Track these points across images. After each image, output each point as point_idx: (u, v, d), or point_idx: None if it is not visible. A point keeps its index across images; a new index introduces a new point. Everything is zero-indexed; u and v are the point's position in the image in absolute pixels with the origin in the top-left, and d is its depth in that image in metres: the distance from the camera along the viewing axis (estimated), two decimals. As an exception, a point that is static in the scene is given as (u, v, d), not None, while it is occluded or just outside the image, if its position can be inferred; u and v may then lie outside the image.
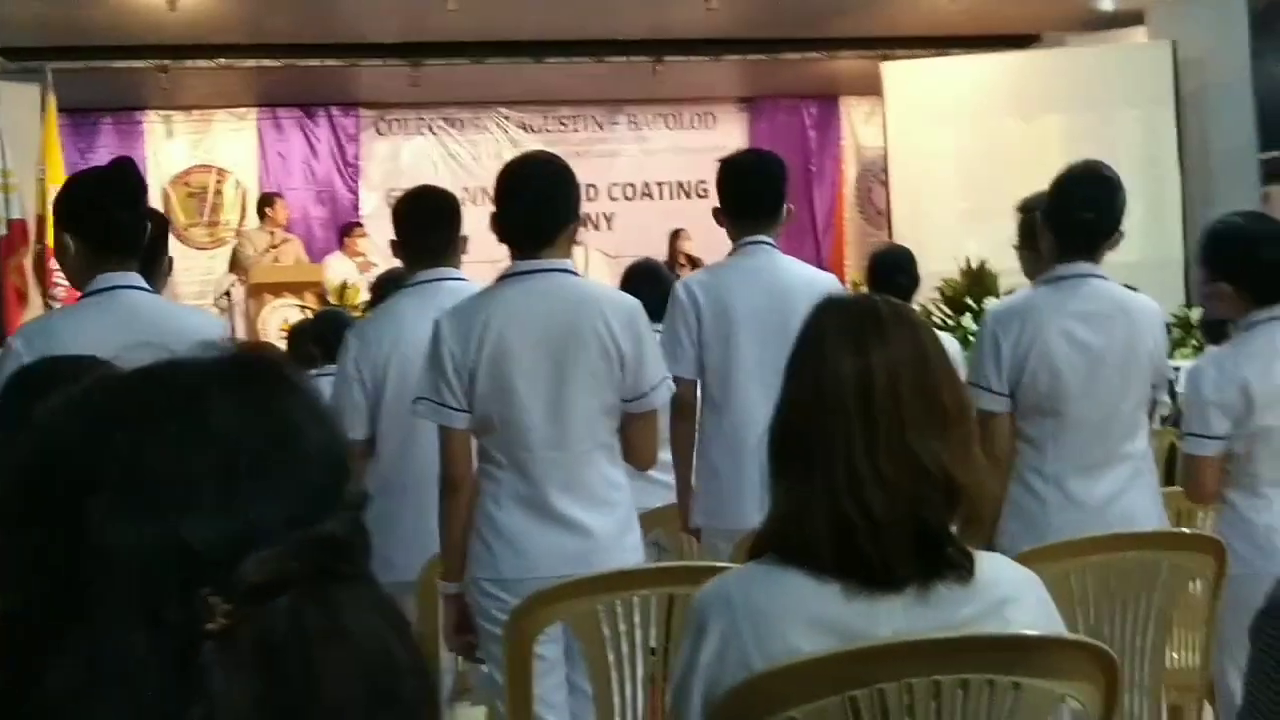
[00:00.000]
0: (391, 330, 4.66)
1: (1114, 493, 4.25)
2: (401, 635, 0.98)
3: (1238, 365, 4.14)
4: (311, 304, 12.19)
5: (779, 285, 4.80)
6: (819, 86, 17.61)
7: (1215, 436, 4.15)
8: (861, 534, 2.14)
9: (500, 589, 3.84)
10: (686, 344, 4.85)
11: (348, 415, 4.64)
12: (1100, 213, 4.34)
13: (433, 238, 4.76)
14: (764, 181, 5.05)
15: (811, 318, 2.36)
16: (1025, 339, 4.25)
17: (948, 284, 12.14)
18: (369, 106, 17.11)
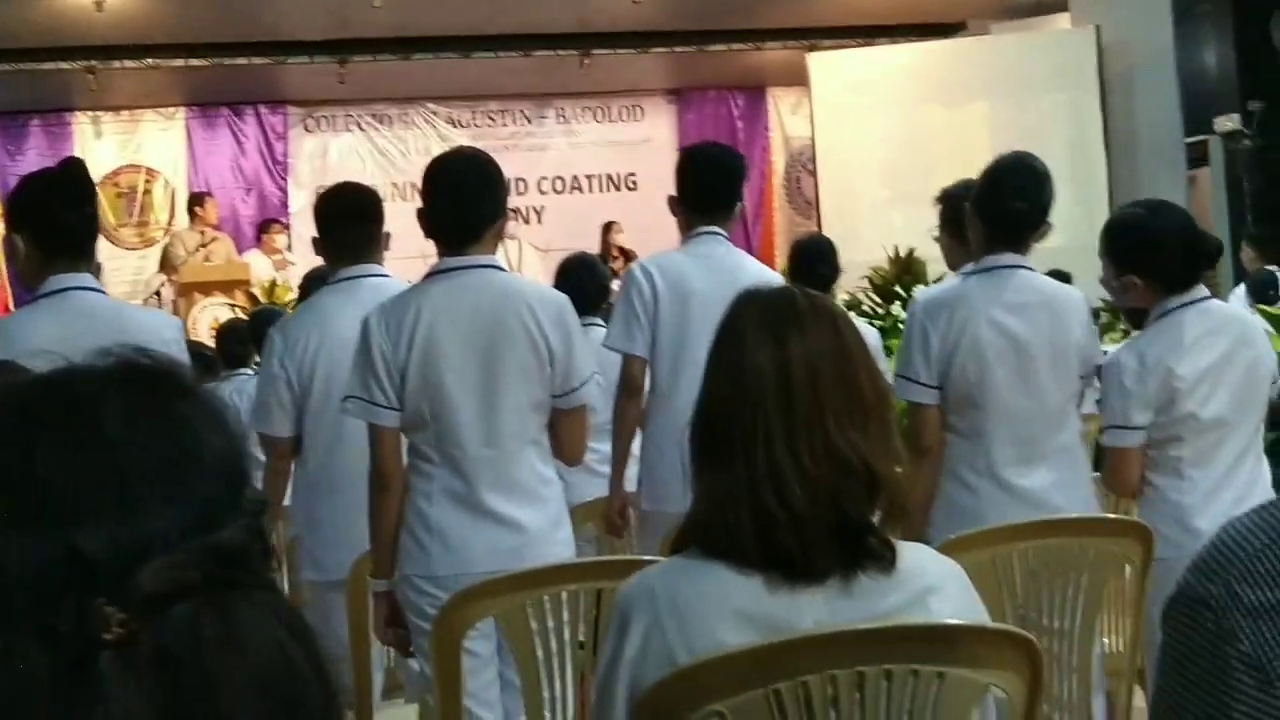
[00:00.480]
0: (317, 328, 4.63)
1: (1047, 485, 4.26)
2: (303, 642, 0.97)
3: (1159, 356, 4.15)
4: (242, 302, 12.12)
5: (734, 276, 4.78)
6: (746, 78, 17.67)
7: (1136, 427, 4.17)
8: (782, 527, 2.14)
9: (433, 585, 3.83)
10: (643, 321, 4.85)
11: (274, 414, 4.62)
12: (1029, 203, 4.36)
13: (354, 234, 4.73)
14: (725, 175, 5.07)
15: (731, 310, 2.36)
16: (954, 330, 4.25)
17: (876, 272, 12.18)
18: (297, 104, 17.03)
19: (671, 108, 18.18)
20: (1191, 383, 4.12)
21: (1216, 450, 4.15)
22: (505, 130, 17.52)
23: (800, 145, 17.37)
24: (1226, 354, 4.14)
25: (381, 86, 16.29)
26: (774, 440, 2.17)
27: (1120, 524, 4.04)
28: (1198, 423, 4.13)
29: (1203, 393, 4.13)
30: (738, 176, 5.09)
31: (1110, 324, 11.89)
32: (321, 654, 0.98)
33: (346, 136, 17.22)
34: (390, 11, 12.92)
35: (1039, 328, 4.28)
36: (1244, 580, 1.07)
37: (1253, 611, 1.06)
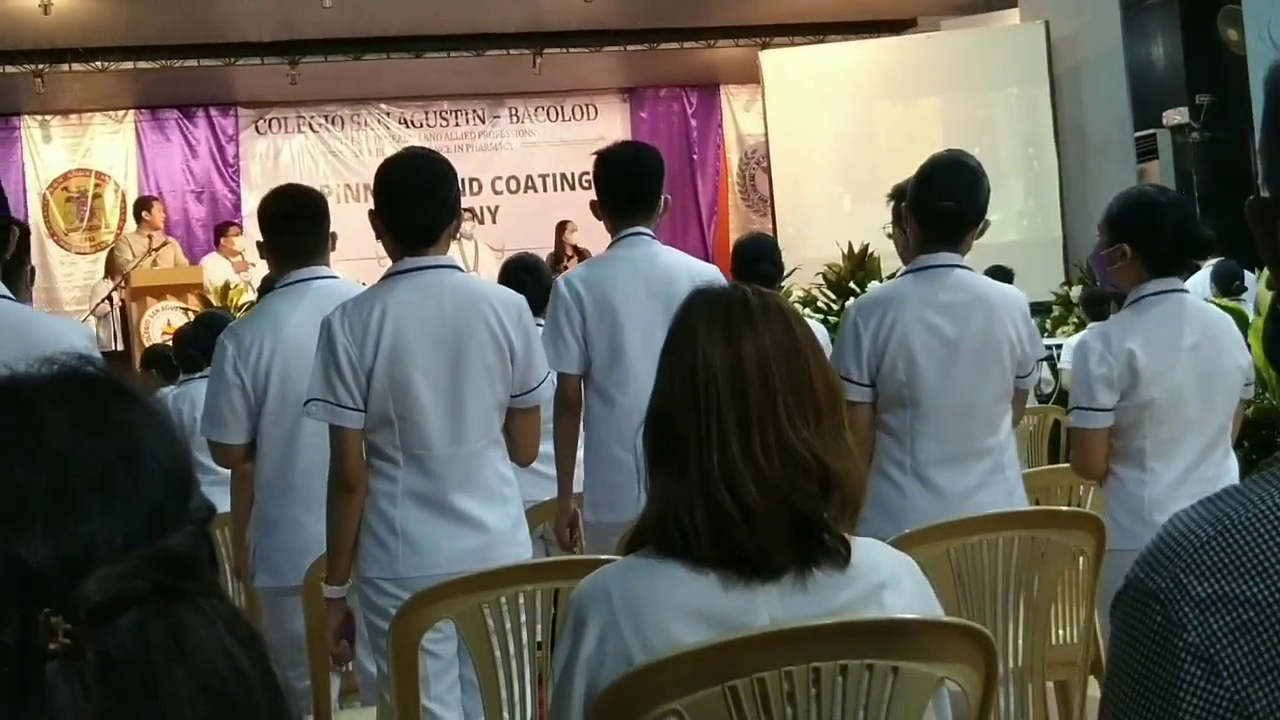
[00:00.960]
0: (270, 333, 4.59)
1: (973, 485, 4.27)
2: (251, 650, 0.96)
3: (1124, 338, 4.19)
4: (194, 306, 12.06)
5: (660, 275, 4.80)
6: (699, 76, 17.70)
7: (1102, 409, 4.20)
8: (737, 524, 2.15)
9: (398, 587, 3.80)
10: (570, 339, 4.84)
11: (228, 421, 4.58)
12: (963, 202, 4.36)
13: (301, 236, 4.69)
14: (640, 174, 5.05)
15: (682, 309, 2.35)
16: (885, 329, 4.27)
17: (831, 269, 12.23)
18: (248, 106, 16.97)
19: (625, 106, 18.19)
20: (1153, 369, 4.14)
21: (1180, 444, 4.18)
22: (458, 130, 17.52)
23: (754, 143, 17.42)
24: (1193, 346, 4.17)
25: (333, 87, 16.25)
26: (728, 438, 2.18)
27: (1073, 516, 4.06)
28: (1159, 411, 4.16)
29: (1164, 381, 4.16)
30: (655, 173, 5.07)
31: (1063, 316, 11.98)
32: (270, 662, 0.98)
33: (298, 138, 17.18)
34: (341, 12, 12.89)
35: (971, 327, 4.29)
36: (1191, 572, 1.08)
37: (1200, 603, 1.06)
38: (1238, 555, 1.06)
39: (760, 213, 17.16)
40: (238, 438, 4.58)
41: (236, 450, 4.62)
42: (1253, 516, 1.08)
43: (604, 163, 5.08)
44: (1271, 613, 1.03)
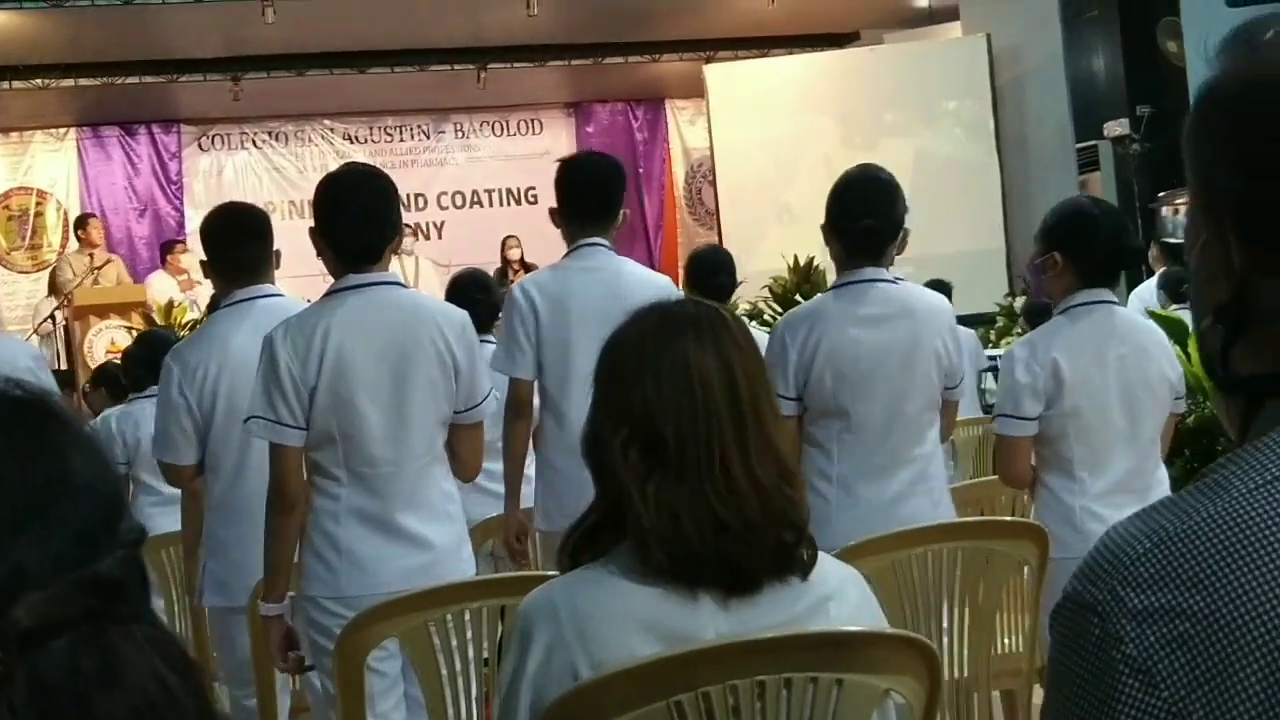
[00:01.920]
0: (217, 353, 4.55)
1: (898, 495, 4.30)
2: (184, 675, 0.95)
3: (1049, 347, 4.23)
4: (138, 324, 11.97)
5: (617, 286, 4.79)
6: (644, 90, 17.73)
7: (1026, 418, 4.23)
8: (739, 536, 2.15)
9: (342, 606, 3.77)
10: (525, 344, 4.83)
11: (177, 442, 4.55)
12: (881, 218, 4.38)
13: (245, 254, 4.65)
14: (603, 185, 5.04)
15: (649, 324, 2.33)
16: (811, 344, 4.29)
17: (777, 281, 12.27)
18: (190, 123, 16.89)
19: (570, 120, 18.21)
20: (1078, 379, 4.17)
21: (1109, 455, 4.20)
22: (403, 145, 17.50)
23: (699, 156, 17.46)
24: (1120, 357, 4.20)
25: (276, 103, 16.20)
26: (730, 455, 2.18)
27: (1017, 526, 4.08)
28: (1084, 420, 4.19)
29: (1091, 391, 4.19)
30: (616, 183, 5.07)
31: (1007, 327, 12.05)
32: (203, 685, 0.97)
33: (242, 154, 17.12)
34: (283, 28, 12.84)
35: (897, 339, 4.32)
36: (1128, 585, 1.09)
37: (1137, 615, 1.07)
38: (1174, 567, 1.07)
39: (706, 226, 17.20)
40: (187, 458, 4.55)
41: (187, 470, 4.60)
42: (1188, 529, 1.08)
43: (568, 170, 5.07)
44: (1208, 624, 1.04)
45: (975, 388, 8.58)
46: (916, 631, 3.44)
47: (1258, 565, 1.04)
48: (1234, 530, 1.06)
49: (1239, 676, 1.02)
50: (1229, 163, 1.18)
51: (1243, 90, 1.18)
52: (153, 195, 16.80)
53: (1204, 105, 1.23)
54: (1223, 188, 1.19)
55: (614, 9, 14.15)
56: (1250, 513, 1.06)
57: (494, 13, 13.72)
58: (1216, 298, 1.21)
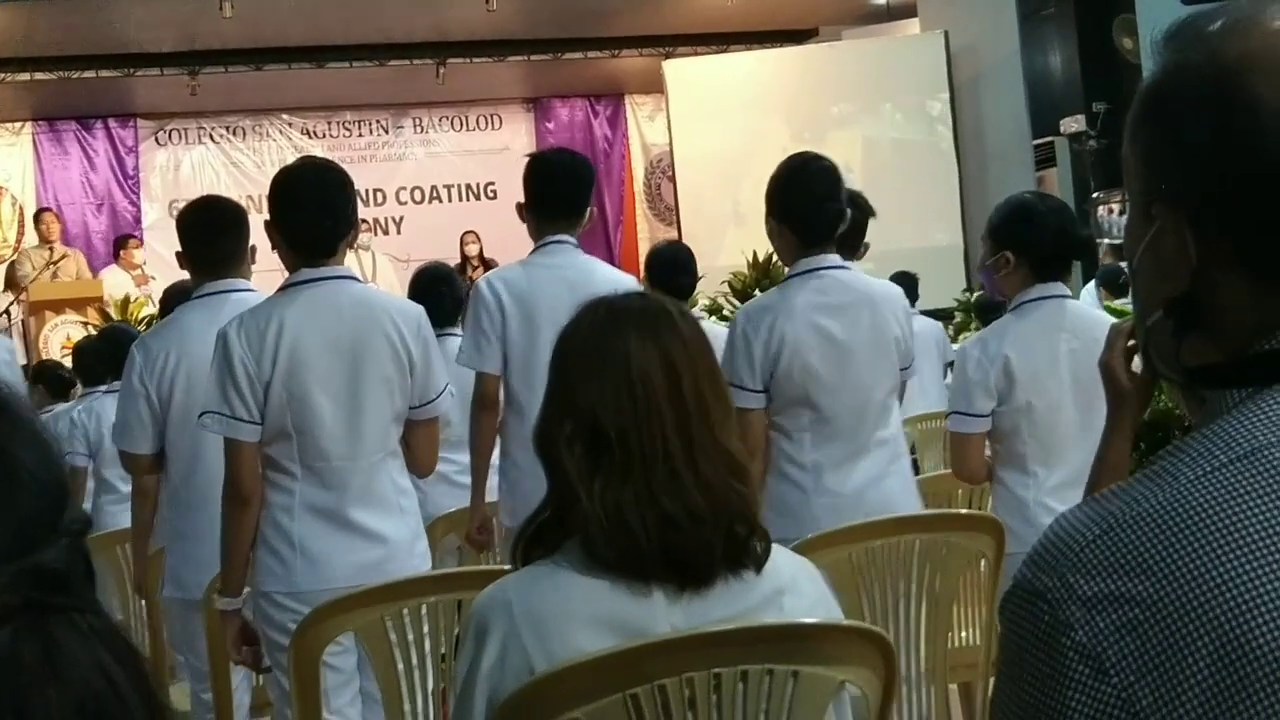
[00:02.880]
0: (177, 343, 4.55)
1: (871, 479, 4.32)
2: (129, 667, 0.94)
3: (1000, 344, 4.25)
4: (94, 320, 11.89)
5: (583, 283, 4.77)
6: (604, 85, 17.73)
7: (979, 414, 4.25)
8: (686, 531, 2.15)
9: (296, 601, 3.77)
10: (491, 339, 4.82)
11: (134, 431, 4.54)
12: (836, 203, 4.39)
13: (220, 248, 4.64)
14: (573, 182, 5.03)
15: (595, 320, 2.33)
16: (776, 335, 4.30)
17: (736, 277, 12.27)
18: (147, 117, 16.80)
19: (530, 116, 18.19)
20: (1029, 374, 4.19)
21: (1064, 450, 4.22)
22: (362, 140, 17.45)
23: (659, 152, 17.48)
24: (1073, 352, 4.21)
25: (234, 98, 16.12)
26: (673, 450, 2.18)
27: (974, 519, 4.10)
28: (1036, 415, 4.21)
29: (1042, 386, 4.21)
30: (586, 182, 5.07)
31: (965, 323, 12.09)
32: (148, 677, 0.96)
33: (199, 149, 17.03)
34: (241, 22, 12.79)
35: (859, 326, 4.34)
36: (1077, 571, 1.09)
37: (1086, 602, 1.08)
38: (1123, 554, 1.08)
39: (666, 221, 17.21)
40: (145, 447, 4.55)
41: (144, 460, 4.59)
42: (1137, 515, 1.09)
43: (537, 167, 5.05)
44: (1156, 610, 1.04)
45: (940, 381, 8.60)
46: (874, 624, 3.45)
47: (1205, 551, 1.05)
48: (1181, 516, 1.07)
49: (1187, 662, 1.02)
50: (1183, 155, 1.19)
51: (1199, 82, 1.18)
52: (109, 190, 16.71)
53: (1154, 96, 1.23)
54: (1177, 180, 1.19)
55: (574, 5, 14.15)
56: (1197, 499, 1.07)
57: (454, 8, 13.70)
58: (1168, 291, 1.22)
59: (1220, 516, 1.06)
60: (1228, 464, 1.09)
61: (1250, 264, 1.16)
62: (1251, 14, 1.19)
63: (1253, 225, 1.15)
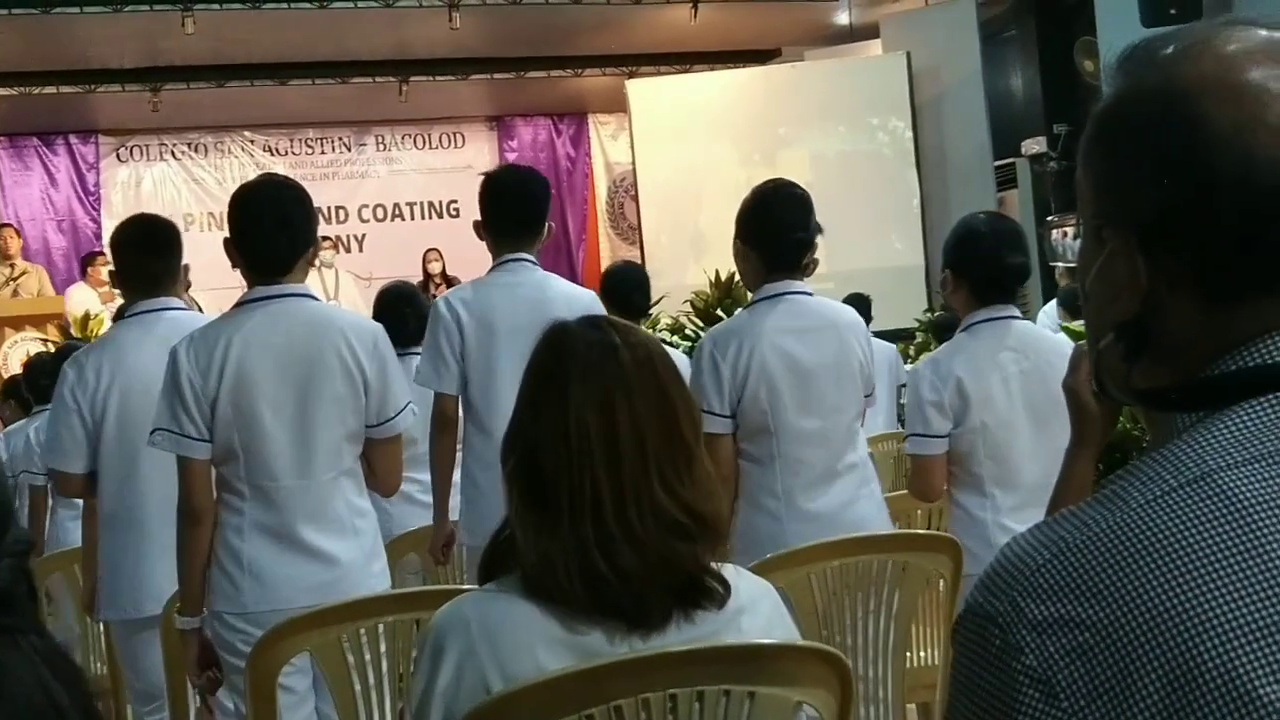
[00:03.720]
0: (110, 361, 4.52)
1: (843, 503, 4.33)
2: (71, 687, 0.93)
3: (952, 365, 4.26)
4: (55, 337, 11.82)
5: (541, 301, 4.78)
6: (567, 104, 17.74)
7: (936, 435, 4.26)
8: (614, 587, 2.13)
9: (245, 622, 3.75)
10: (449, 359, 4.81)
11: (66, 448, 4.51)
12: (805, 231, 4.41)
13: (152, 267, 4.62)
14: (527, 199, 5.03)
15: (548, 347, 2.30)
16: (743, 359, 4.30)
17: (699, 296, 12.29)
18: (108, 133, 16.72)
19: (493, 134, 18.18)
20: (981, 394, 4.20)
21: (1018, 470, 4.23)
22: (324, 158, 17.40)
23: (622, 171, 17.49)
24: (1024, 373, 4.23)
25: (196, 114, 16.06)
26: (602, 504, 2.15)
27: (932, 539, 4.10)
28: (991, 436, 4.22)
29: (995, 406, 4.22)
30: (541, 199, 5.06)
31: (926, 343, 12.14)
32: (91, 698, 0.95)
33: (161, 166, 16.97)
34: (203, 38, 12.75)
35: (825, 350, 4.35)
36: (1028, 595, 1.09)
37: (1037, 626, 1.08)
38: (1073, 578, 1.08)
39: (629, 240, 17.21)
40: (76, 466, 4.51)
41: (75, 479, 4.55)
42: (1087, 539, 1.09)
43: (492, 184, 5.05)
44: (1106, 634, 1.05)
45: (894, 402, 8.63)
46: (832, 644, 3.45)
47: (1154, 575, 1.05)
48: (1131, 541, 1.07)
49: (1138, 686, 1.02)
50: (1136, 178, 1.19)
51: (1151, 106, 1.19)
52: (70, 206, 16.62)
53: (1107, 120, 1.24)
54: (1129, 204, 1.20)
55: (537, 24, 14.14)
56: (1147, 523, 1.07)
57: (416, 26, 13.68)
58: (1119, 314, 1.22)
59: (1170, 541, 1.06)
60: (1177, 488, 1.09)
61: (1199, 289, 1.17)
62: (1205, 38, 1.20)
63: (1202, 249, 1.16)
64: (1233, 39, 1.19)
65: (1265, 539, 1.05)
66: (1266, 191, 1.13)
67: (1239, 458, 1.09)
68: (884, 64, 14.30)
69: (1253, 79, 1.15)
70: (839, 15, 14.83)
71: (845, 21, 14.97)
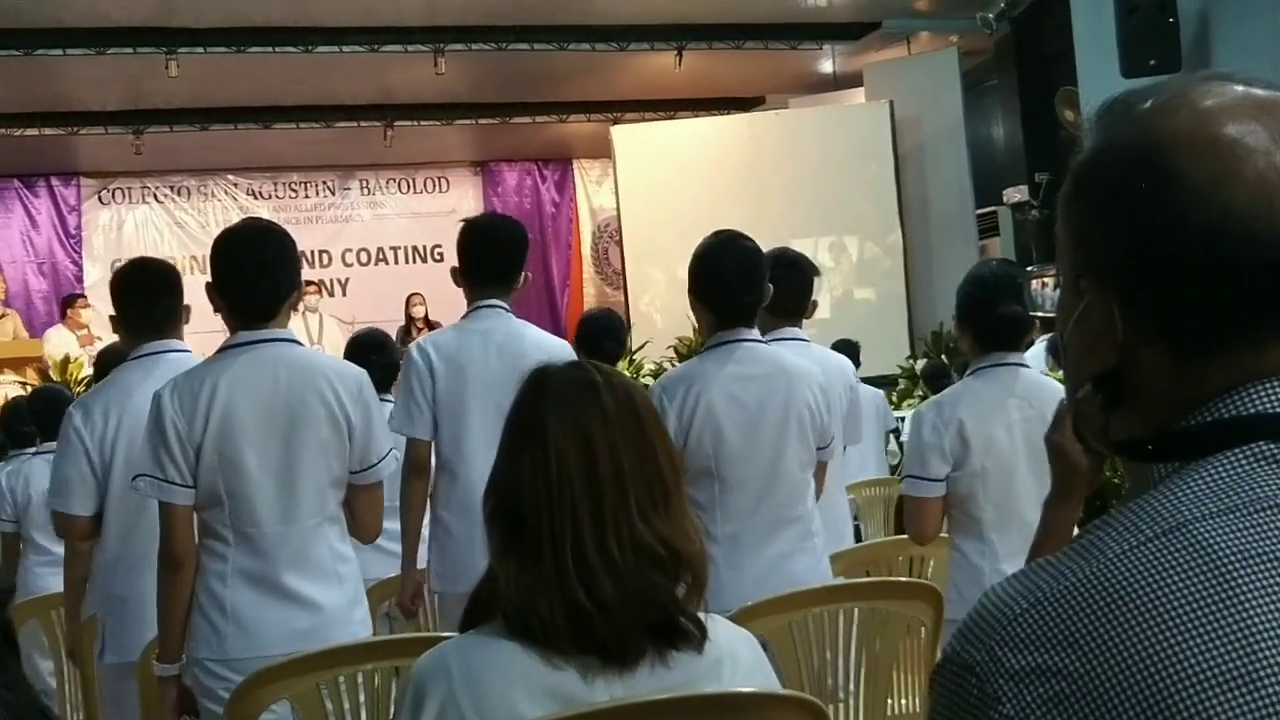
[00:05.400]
0: (117, 404, 4.52)
1: (783, 554, 4.32)
2: None
3: (955, 409, 4.27)
4: (33, 380, 11.79)
5: (512, 348, 4.81)
6: (551, 149, 17.79)
7: (933, 479, 4.26)
8: (594, 619, 2.14)
9: (227, 669, 3.73)
10: (422, 404, 4.82)
11: (74, 492, 4.49)
12: (753, 289, 4.42)
13: (154, 310, 4.63)
14: (505, 247, 5.05)
15: (529, 392, 2.32)
16: (690, 404, 4.32)
17: (682, 342, 12.31)
18: (91, 176, 16.72)
19: (477, 179, 18.22)
20: (983, 440, 4.21)
21: (1019, 517, 4.22)
22: (308, 202, 17.41)
23: (606, 216, 17.52)
24: (1026, 420, 4.24)
25: (179, 157, 16.07)
26: (583, 533, 2.16)
27: (912, 587, 4.10)
28: (992, 481, 4.22)
29: (997, 451, 4.23)
30: (518, 247, 5.08)
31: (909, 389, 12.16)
32: None
33: (143, 208, 16.96)
34: (186, 82, 12.76)
35: (773, 398, 4.36)
36: (1006, 645, 1.10)
37: (1014, 676, 1.08)
38: (1050, 627, 1.08)
39: (613, 285, 17.23)
40: (83, 509, 4.49)
41: (81, 522, 4.53)
42: (1064, 589, 1.09)
43: (467, 232, 5.08)
44: (1083, 683, 1.05)
45: (881, 449, 8.64)
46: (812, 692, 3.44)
47: (1131, 625, 1.05)
48: (1108, 590, 1.07)
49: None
50: (1112, 232, 1.20)
51: (1126, 161, 1.20)
52: (51, 249, 16.60)
53: (1085, 173, 1.25)
54: (1106, 256, 1.21)
55: (522, 69, 14.19)
56: (1123, 573, 1.08)
57: (401, 70, 13.73)
58: (1096, 366, 1.23)
59: (1146, 591, 1.06)
60: (1153, 539, 1.09)
61: (1173, 342, 1.18)
62: (1182, 92, 1.21)
63: (1176, 303, 1.17)
64: (1209, 94, 1.20)
65: (1240, 589, 1.05)
66: (1238, 246, 1.14)
67: (1214, 508, 1.10)
68: (867, 113, 14.36)
69: (1228, 134, 1.16)
70: (823, 64, 14.92)
71: (829, 70, 15.06)
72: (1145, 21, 10.50)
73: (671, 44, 13.66)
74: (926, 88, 13.89)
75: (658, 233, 14.36)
